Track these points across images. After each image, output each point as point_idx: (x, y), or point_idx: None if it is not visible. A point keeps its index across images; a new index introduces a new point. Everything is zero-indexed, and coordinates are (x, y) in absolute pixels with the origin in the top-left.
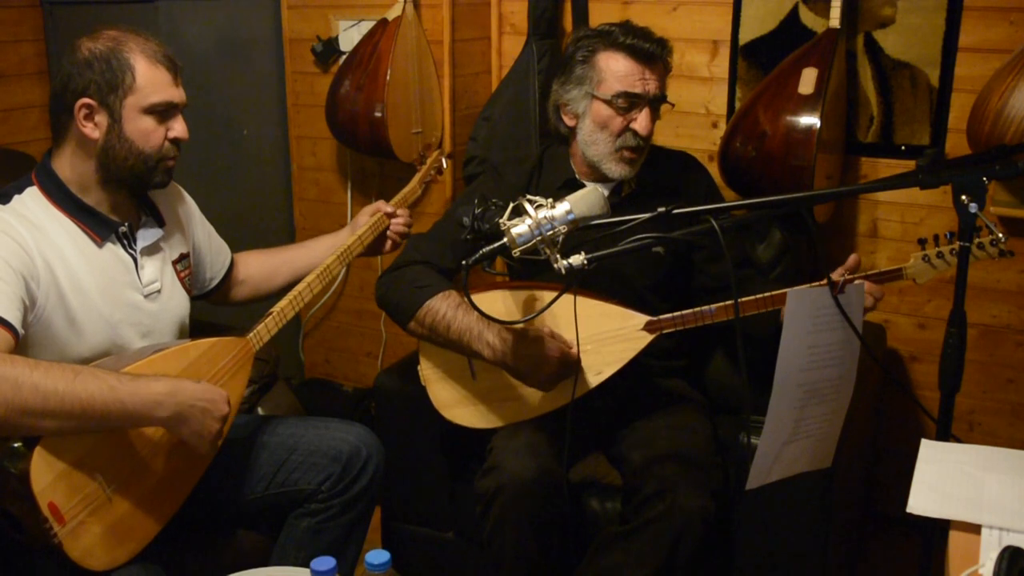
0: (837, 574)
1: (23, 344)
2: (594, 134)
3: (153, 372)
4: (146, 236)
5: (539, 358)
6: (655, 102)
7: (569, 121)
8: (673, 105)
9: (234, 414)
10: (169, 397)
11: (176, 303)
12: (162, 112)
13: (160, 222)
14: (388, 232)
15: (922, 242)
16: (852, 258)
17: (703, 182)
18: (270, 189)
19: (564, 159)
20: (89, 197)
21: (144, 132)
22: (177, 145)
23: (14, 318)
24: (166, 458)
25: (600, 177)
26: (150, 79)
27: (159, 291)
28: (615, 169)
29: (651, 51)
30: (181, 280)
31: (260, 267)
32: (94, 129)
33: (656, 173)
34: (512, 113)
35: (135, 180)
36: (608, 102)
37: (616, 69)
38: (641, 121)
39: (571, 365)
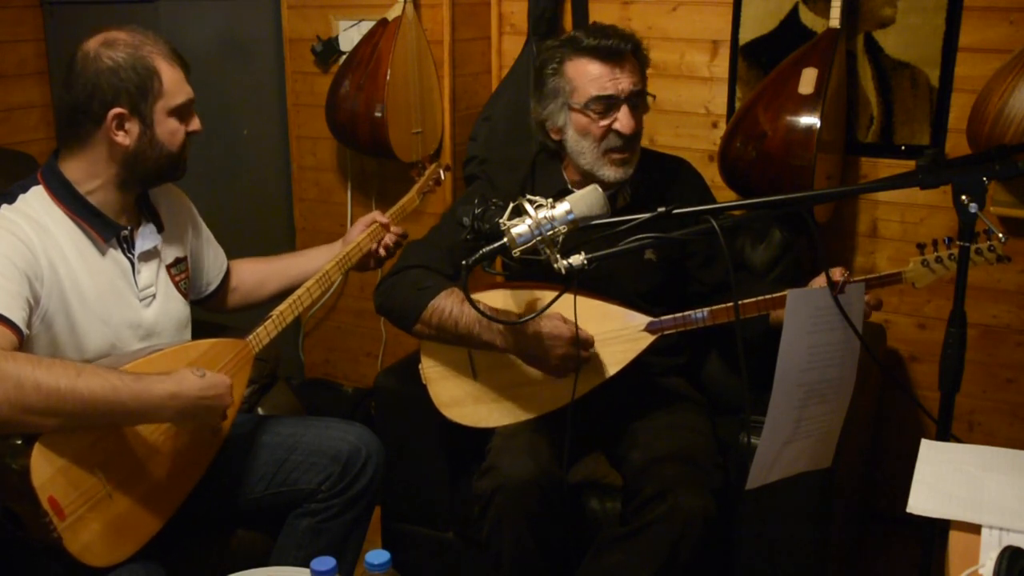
0: (837, 574)
1: (26, 346)
2: (580, 143)
3: (154, 370)
4: (145, 241)
5: (551, 340)
6: (632, 99)
7: (555, 135)
8: (654, 97)
9: (234, 414)
10: (171, 400)
11: (173, 307)
12: (183, 111)
13: (160, 227)
14: (382, 243)
15: (921, 247)
16: (836, 271)
17: (698, 190)
18: (270, 189)
19: (556, 170)
20: (96, 199)
21: (171, 132)
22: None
23: (18, 317)
24: (167, 456)
25: None
26: (173, 81)
27: (155, 296)
28: (608, 173)
29: (616, 47)
30: (176, 284)
31: (252, 275)
32: (125, 137)
33: (650, 182)
34: (512, 113)
35: (158, 177)
36: (583, 110)
37: (585, 74)
38: (622, 120)
39: (582, 346)
